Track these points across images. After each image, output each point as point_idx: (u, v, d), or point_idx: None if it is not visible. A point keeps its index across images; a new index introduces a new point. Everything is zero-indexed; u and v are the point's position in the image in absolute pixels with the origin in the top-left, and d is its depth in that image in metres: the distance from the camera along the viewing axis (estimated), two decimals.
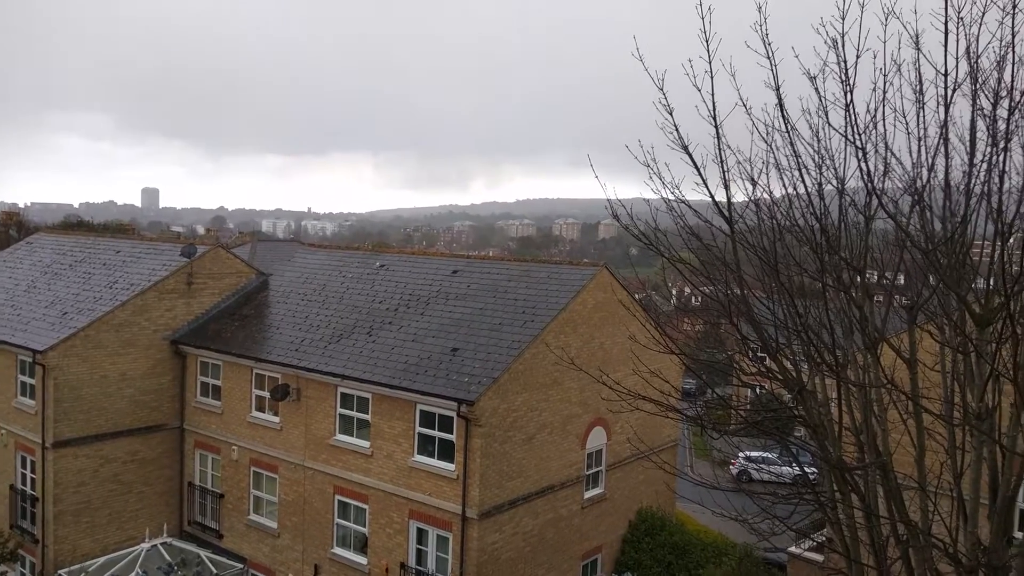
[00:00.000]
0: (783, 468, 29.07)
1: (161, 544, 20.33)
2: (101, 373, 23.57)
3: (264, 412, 23.55)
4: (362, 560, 21.01)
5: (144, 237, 37.72)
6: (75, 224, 70.72)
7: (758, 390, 12.13)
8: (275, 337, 24.08)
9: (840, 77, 8.23)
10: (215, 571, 18.52)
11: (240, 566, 20.98)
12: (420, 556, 20.02)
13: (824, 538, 20.15)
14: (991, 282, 8.62)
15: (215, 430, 24.68)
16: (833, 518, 10.26)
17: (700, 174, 8.98)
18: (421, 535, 19.96)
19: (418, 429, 19.84)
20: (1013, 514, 10.24)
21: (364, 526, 21.05)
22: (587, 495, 22.50)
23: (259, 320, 25.38)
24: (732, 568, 21.20)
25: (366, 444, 20.84)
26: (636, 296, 23.13)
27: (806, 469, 11.18)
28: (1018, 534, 12.03)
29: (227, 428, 24.35)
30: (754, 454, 32.08)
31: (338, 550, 21.65)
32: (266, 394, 23.30)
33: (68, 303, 25.29)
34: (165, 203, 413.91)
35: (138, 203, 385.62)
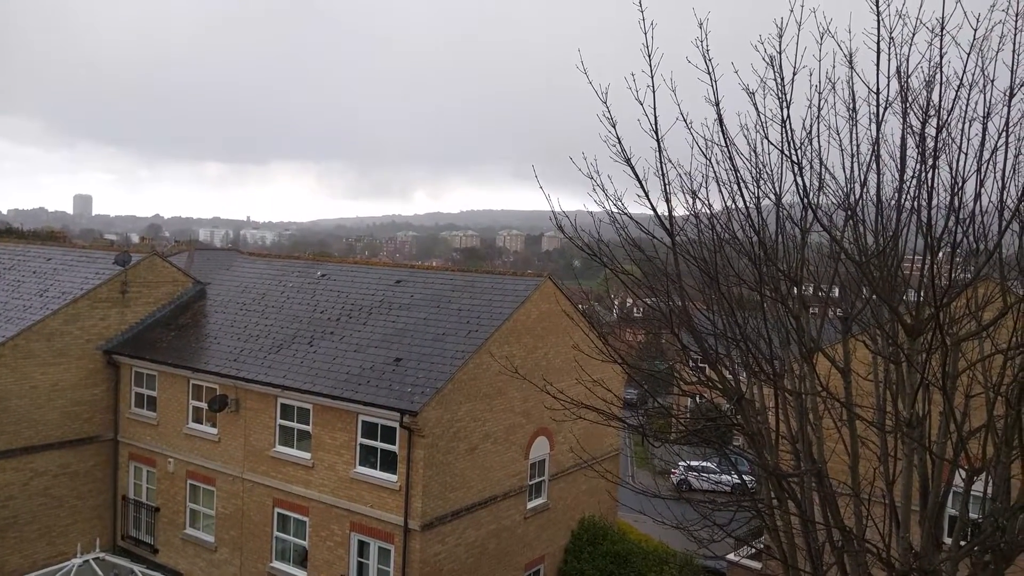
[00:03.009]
0: (722, 477, 29.57)
1: (93, 559, 19.60)
2: (31, 384, 22.68)
3: (201, 423, 22.95)
4: (302, 574, 20.59)
5: (76, 244, 36.49)
6: (3, 231, 68.01)
7: (698, 399, 12.33)
8: (213, 347, 23.52)
9: (777, 94, 8.46)
10: None
11: None
12: (361, 569, 19.72)
13: (762, 545, 20.55)
14: (922, 294, 8.94)
15: (150, 442, 23.95)
16: (771, 525, 10.46)
17: (642, 186, 9.12)
18: (363, 548, 19.67)
19: (360, 440, 19.58)
20: (943, 520, 10.59)
21: (304, 539, 20.65)
22: (530, 505, 22.51)
23: (196, 330, 24.76)
24: (672, 575, 21.43)
25: (307, 456, 20.48)
26: (580, 307, 23.29)
27: (744, 478, 11.39)
28: (947, 539, 12.45)
29: (163, 440, 23.66)
30: (694, 463, 32.55)
31: (277, 564, 21.18)
32: (204, 405, 22.73)
33: None
34: (98, 210, 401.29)
35: (70, 210, 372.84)
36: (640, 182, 8.86)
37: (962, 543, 9.71)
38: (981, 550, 9.28)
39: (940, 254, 8.59)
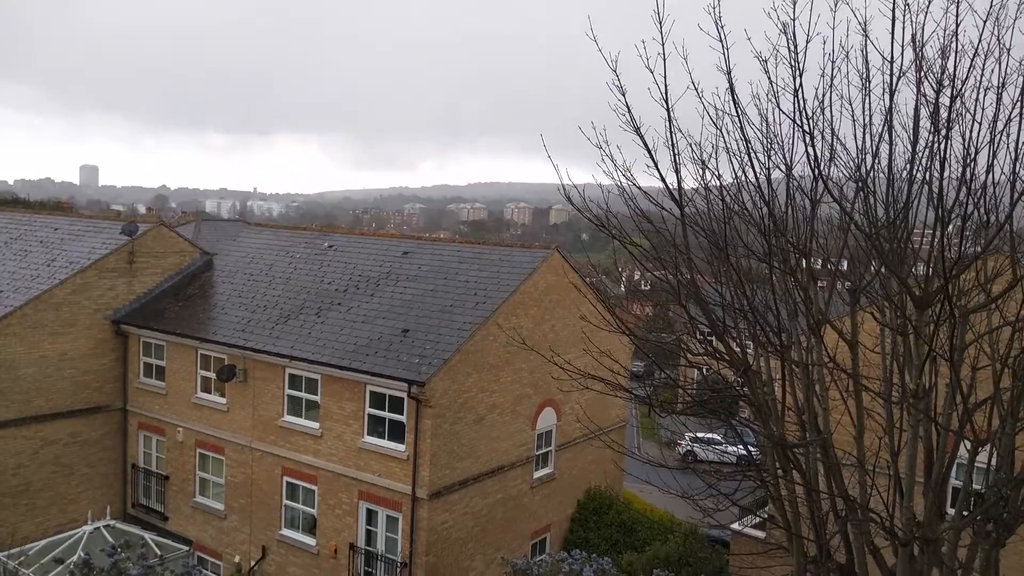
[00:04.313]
0: (728, 448, 29.74)
1: (104, 527, 19.85)
2: (40, 353, 22.86)
3: (210, 393, 23.14)
4: (311, 541, 20.88)
5: (83, 215, 36.54)
6: (10, 201, 68.06)
7: (705, 371, 12.37)
8: (220, 317, 23.64)
9: (790, 62, 8.37)
10: (160, 553, 18.14)
11: (186, 548, 20.62)
12: (369, 536, 19.98)
13: (766, 515, 20.72)
14: (931, 265, 8.91)
15: (159, 411, 24.17)
16: (775, 494, 10.54)
17: (651, 156, 9.07)
18: (371, 516, 19.91)
19: (368, 410, 19.73)
20: (946, 490, 10.65)
21: (313, 507, 20.89)
22: (537, 475, 22.70)
23: (204, 300, 24.87)
24: (677, 545, 21.64)
25: (315, 425, 20.65)
26: (587, 280, 23.29)
27: (750, 449, 11.45)
28: (950, 510, 12.51)
29: (172, 409, 23.88)
30: (700, 435, 32.72)
31: (286, 531, 21.47)
32: (212, 375, 22.89)
33: (4, 281, 24.41)
34: (105, 181, 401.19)
35: (76, 180, 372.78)
36: (649, 151, 8.82)
37: (965, 514, 9.78)
38: (984, 520, 9.35)
39: (950, 227, 8.55)
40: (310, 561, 20.90)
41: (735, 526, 21.19)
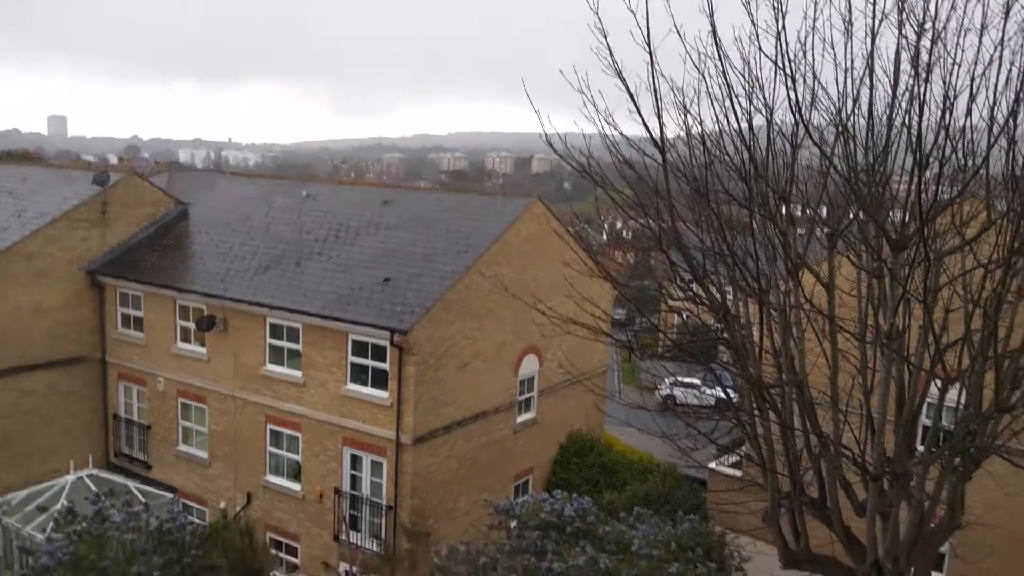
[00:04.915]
0: (706, 392, 30.30)
1: (87, 476, 20.00)
2: (14, 305, 22.62)
3: (190, 343, 23.10)
4: (296, 487, 21.16)
5: (53, 165, 35.83)
6: None
7: (685, 316, 12.58)
8: (198, 268, 23.47)
9: (773, 3, 8.35)
10: (144, 501, 18.33)
11: (170, 496, 20.85)
12: (355, 481, 20.28)
13: (742, 454, 21.27)
14: (907, 209, 9.06)
15: (139, 362, 24.13)
16: (751, 433, 10.85)
17: (633, 101, 9.06)
18: (355, 461, 20.18)
19: (351, 359, 19.84)
20: (916, 428, 11.01)
21: (297, 454, 21.12)
22: (519, 420, 23.05)
23: (180, 250, 24.64)
24: (657, 484, 22.20)
25: (298, 374, 20.75)
26: (570, 229, 23.34)
27: (728, 393, 11.72)
28: (919, 447, 12.93)
29: (151, 360, 23.84)
30: (681, 379, 33.28)
31: (271, 478, 21.72)
32: (191, 325, 22.83)
33: None
34: (74, 132, 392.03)
35: (45, 131, 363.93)
36: (631, 96, 8.81)
37: (933, 450, 10.13)
38: (952, 454, 9.70)
39: (928, 172, 8.67)
40: (296, 506, 21.22)
41: (712, 465, 21.74)
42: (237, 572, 15.69)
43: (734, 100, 9.16)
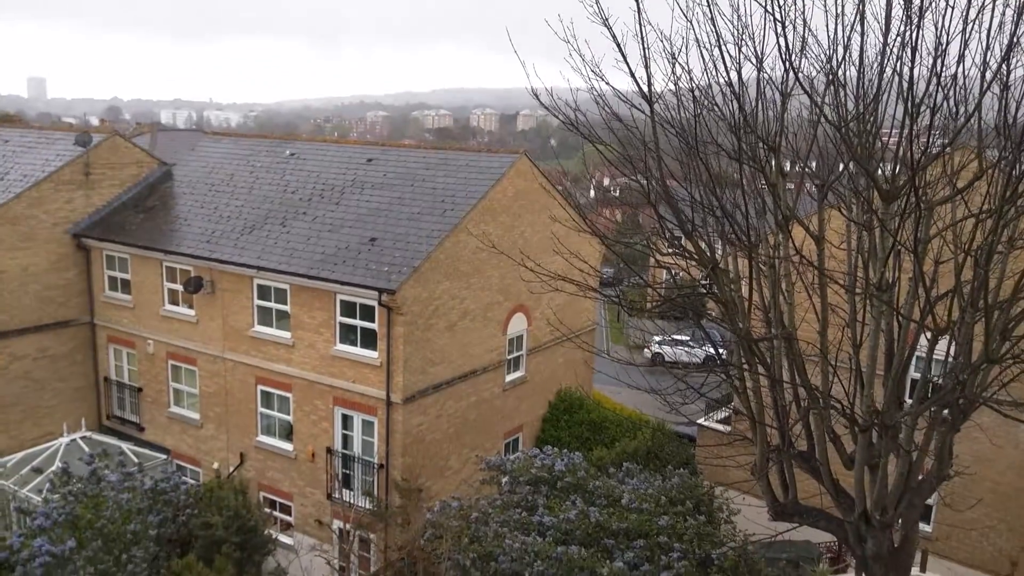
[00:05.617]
0: (695, 350, 30.43)
1: (80, 438, 19.97)
2: (0, 269, 22.41)
3: (178, 305, 22.95)
4: (288, 447, 21.22)
5: (34, 127, 35.16)
6: None
7: (673, 273, 12.52)
8: (184, 229, 23.21)
9: None
10: (138, 461, 18.38)
11: (164, 456, 20.89)
12: (346, 440, 20.34)
13: (731, 409, 21.43)
14: (898, 160, 8.94)
15: (128, 325, 23.98)
16: (740, 388, 10.86)
17: (620, 50, 8.86)
18: (346, 420, 20.22)
19: (339, 319, 19.75)
20: (905, 380, 11.05)
21: (288, 414, 21.14)
22: (508, 378, 23.10)
23: (165, 212, 24.34)
24: (646, 440, 22.37)
25: (287, 335, 20.67)
26: (557, 188, 23.12)
27: (718, 349, 11.71)
28: (908, 400, 12.99)
29: (140, 322, 23.69)
30: (668, 337, 33.42)
31: (263, 438, 21.77)
32: (179, 287, 22.65)
33: None
34: (54, 94, 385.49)
35: (24, 93, 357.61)
36: (618, 44, 8.60)
37: (922, 402, 10.16)
38: (940, 406, 9.74)
39: (919, 120, 8.54)
40: (288, 465, 21.30)
41: (701, 420, 21.92)
42: (231, 530, 15.82)
43: (723, 48, 8.96)
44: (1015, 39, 7.62)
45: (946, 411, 10.04)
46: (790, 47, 8.48)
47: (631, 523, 12.74)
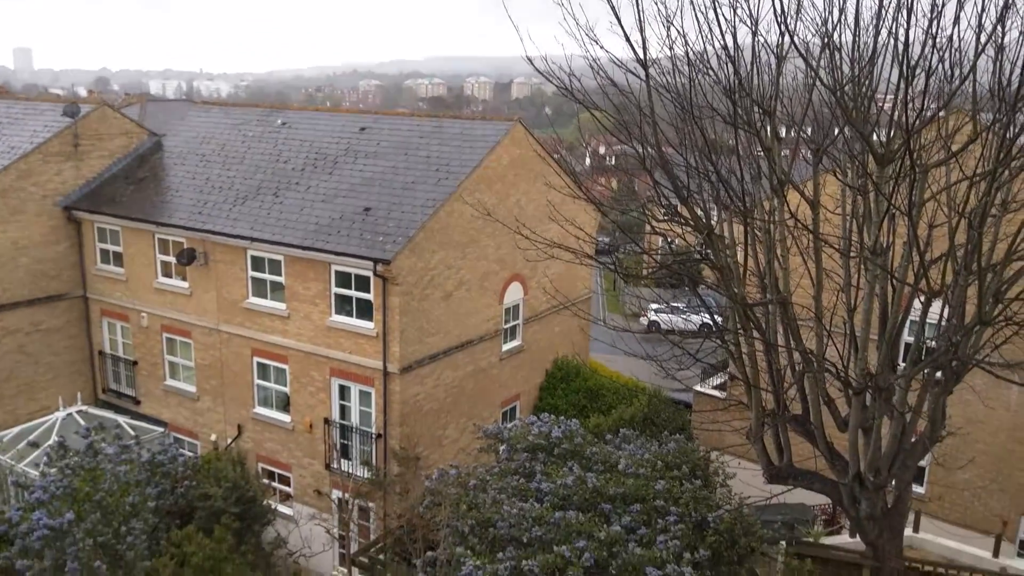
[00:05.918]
0: (691, 318, 30.54)
1: (76, 412, 20.01)
2: None
3: (171, 278, 22.87)
4: (285, 418, 21.31)
5: (20, 98, 34.75)
6: None
7: (669, 240, 12.51)
8: (175, 200, 23.05)
9: None
10: (134, 434, 18.45)
11: (160, 429, 20.95)
12: (343, 411, 20.43)
13: (727, 375, 21.56)
14: (893, 123, 8.90)
15: (121, 297, 23.91)
16: (736, 353, 10.91)
17: (615, 12, 8.75)
18: (343, 391, 20.29)
19: (335, 290, 19.72)
20: (899, 344, 11.12)
21: (285, 386, 21.19)
22: (505, 348, 23.16)
23: (156, 183, 24.15)
24: (642, 407, 22.52)
25: (282, 306, 20.64)
26: (554, 156, 22.97)
27: (712, 314, 11.74)
28: (901, 364, 13.07)
29: (133, 295, 23.63)
30: (664, 305, 33.52)
31: (260, 410, 21.84)
32: (172, 259, 22.56)
33: None
34: (40, 64, 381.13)
35: (10, 64, 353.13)
36: (612, 6, 8.49)
37: (916, 365, 10.23)
38: (933, 368, 9.80)
39: (914, 84, 8.48)
40: (286, 436, 21.41)
41: (697, 387, 22.05)
42: (231, 501, 15.92)
43: (718, 11, 8.86)
44: (1010, 1, 7.55)
45: (939, 373, 10.12)
46: (785, 10, 8.39)
47: (628, 488, 12.86)
